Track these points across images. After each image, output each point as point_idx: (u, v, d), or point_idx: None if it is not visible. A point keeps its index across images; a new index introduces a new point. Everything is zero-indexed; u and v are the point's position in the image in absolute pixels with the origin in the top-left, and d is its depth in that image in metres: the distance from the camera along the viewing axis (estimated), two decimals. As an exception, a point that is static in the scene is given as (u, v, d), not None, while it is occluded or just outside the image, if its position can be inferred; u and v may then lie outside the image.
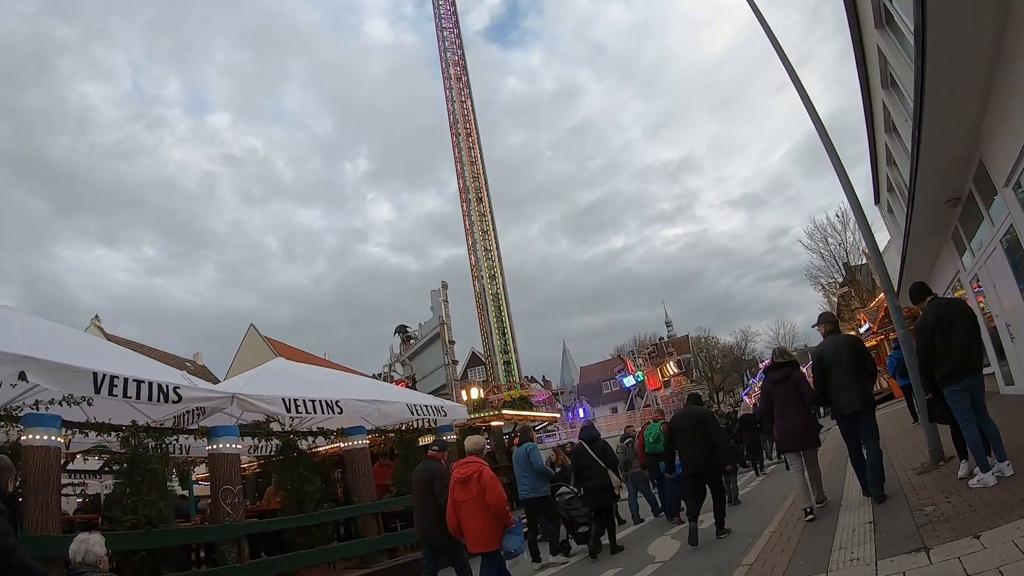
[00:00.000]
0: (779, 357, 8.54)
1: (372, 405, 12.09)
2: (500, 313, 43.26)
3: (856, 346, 7.94)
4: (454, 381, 31.70)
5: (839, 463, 11.57)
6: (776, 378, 8.27)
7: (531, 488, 10.40)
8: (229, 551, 9.32)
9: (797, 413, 8.04)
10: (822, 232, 42.88)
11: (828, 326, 8.19)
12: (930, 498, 6.67)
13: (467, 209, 45.89)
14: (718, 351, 79.36)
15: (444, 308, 33.92)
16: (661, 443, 11.86)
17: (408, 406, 12.88)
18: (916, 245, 17.33)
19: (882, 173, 21.72)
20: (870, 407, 7.66)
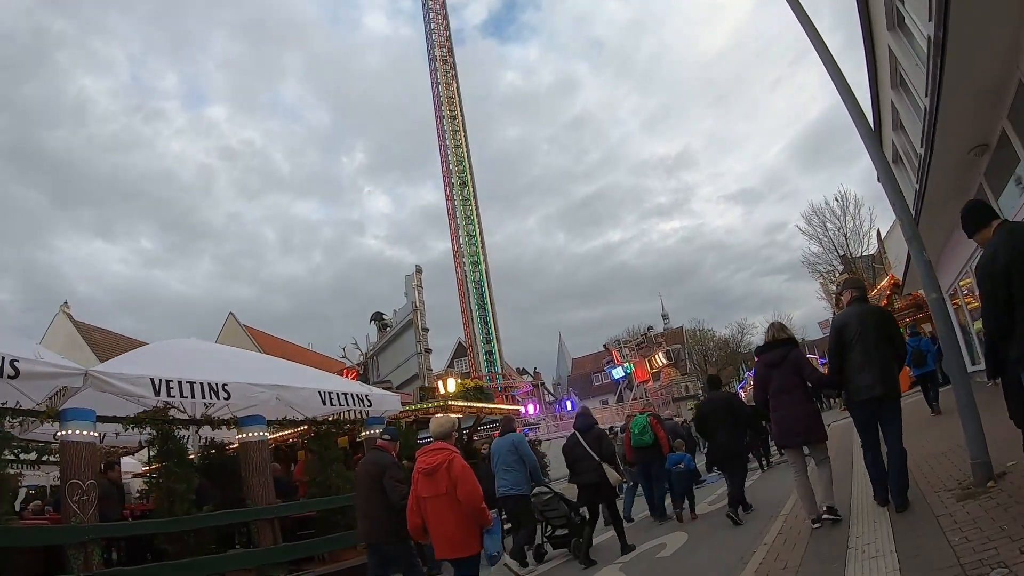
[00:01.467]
0: (776, 333, 7.03)
1: (270, 391, 10.11)
2: (483, 301, 41.38)
3: (886, 319, 6.50)
4: (427, 371, 29.41)
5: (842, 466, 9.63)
6: (771, 360, 6.85)
7: (513, 484, 9.30)
8: (75, 557, 7.65)
9: (797, 401, 6.70)
10: (820, 217, 40.23)
11: (854, 292, 6.71)
12: (990, 547, 4.16)
13: (450, 193, 43.95)
14: (713, 344, 77.45)
15: (417, 294, 31.70)
16: (648, 436, 11.06)
17: (320, 393, 10.87)
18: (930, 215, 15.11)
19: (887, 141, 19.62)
20: (896, 393, 6.16)
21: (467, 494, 5.46)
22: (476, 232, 42.82)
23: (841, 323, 6.41)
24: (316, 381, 11.57)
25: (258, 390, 9.90)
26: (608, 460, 9.32)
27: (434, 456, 5.66)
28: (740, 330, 79.60)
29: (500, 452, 9.53)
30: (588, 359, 73.88)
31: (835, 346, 6.36)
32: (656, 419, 11.65)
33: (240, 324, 49.15)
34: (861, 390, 6.07)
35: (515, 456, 9.37)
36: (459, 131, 45.39)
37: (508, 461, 9.36)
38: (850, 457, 10.46)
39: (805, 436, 6.69)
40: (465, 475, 5.55)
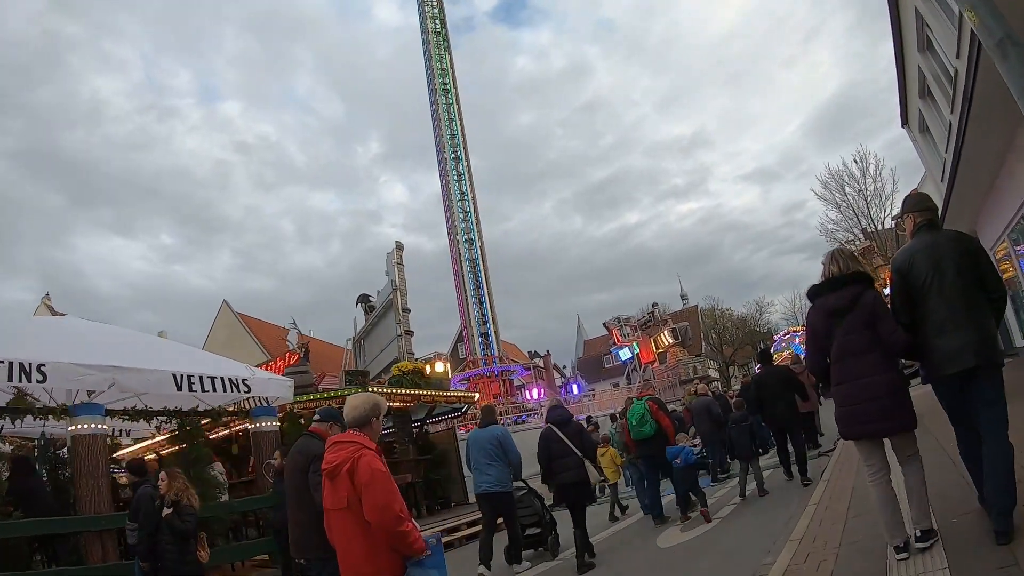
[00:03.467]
0: (844, 264, 4.54)
1: (103, 373, 8.20)
2: (478, 281, 38.50)
3: (972, 250, 4.27)
4: (407, 354, 26.52)
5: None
6: (833, 305, 4.48)
7: (497, 480, 8.49)
8: None
9: (873, 368, 4.28)
10: (838, 180, 36.30)
11: (921, 216, 4.52)
12: None
13: (444, 168, 40.98)
14: (731, 323, 73.98)
15: (398, 272, 28.86)
16: (649, 425, 9.97)
17: (175, 377, 8.95)
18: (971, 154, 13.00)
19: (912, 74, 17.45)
20: (994, 361, 4.05)
21: (377, 511, 3.69)
22: (471, 208, 39.90)
23: (905, 262, 4.35)
24: (176, 362, 9.54)
25: (85, 372, 8.08)
26: (590, 456, 8.66)
27: (337, 452, 3.92)
28: (758, 308, 75.74)
29: (481, 445, 8.60)
30: (599, 341, 70.03)
31: (900, 297, 4.37)
32: (657, 404, 10.20)
33: (233, 311, 48.62)
34: (944, 359, 4.09)
35: (499, 450, 8.51)
36: (452, 104, 42.53)
37: (492, 455, 8.50)
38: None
39: (886, 422, 4.26)
40: (375, 482, 3.76)
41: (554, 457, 8.49)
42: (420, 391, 16.01)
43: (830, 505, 6.75)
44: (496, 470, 8.50)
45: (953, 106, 14.11)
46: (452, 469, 17.54)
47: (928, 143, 19.40)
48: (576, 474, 8.33)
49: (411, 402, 15.84)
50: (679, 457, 9.17)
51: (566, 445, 8.43)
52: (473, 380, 37.01)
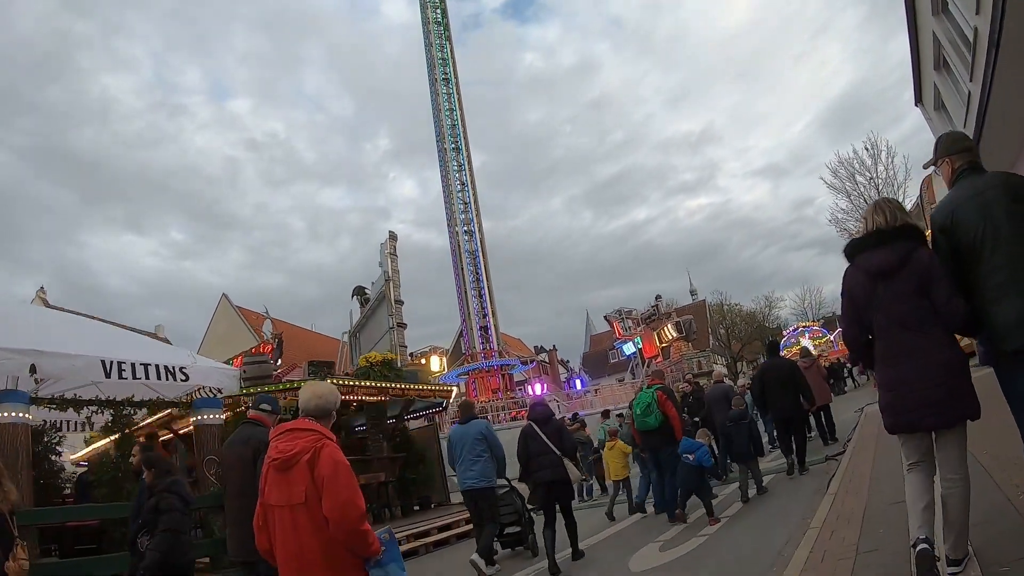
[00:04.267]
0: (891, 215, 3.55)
1: (23, 357, 7.36)
2: (478, 272, 37.26)
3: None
4: (399, 347, 25.31)
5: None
6: (879, 264, 3.46)
7: (482, 475, 8.36)
8: None
9: (929, 344, 3.33)
10: (848, 168, 34.70)
11: (960, 159, 3.52)
12: None
13: (444, 158, 39.80)
14: (740, 318, 72.58)
15: (391, 262, 27.67)
16: (655, 416, 9.24)
17: (104, 363, 8.03)
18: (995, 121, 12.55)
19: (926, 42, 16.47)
20: None
21: (340, 508, 3.24)
22: (471, 199, 38.67)
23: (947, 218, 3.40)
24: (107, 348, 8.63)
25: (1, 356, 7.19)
26: (570, 455, 8.39)
27: (293, 440, 3.39)
28: (767, 304, 74.53)
29: (465, 441, 8.51)
30: (606, 336, 68.50)
31: (948, 258, 3.38)
32: (665, 393, 9.39)
33: (232, 305, 48.16)
34: (1006, 331, 3.13)
35: (484, 446, 8.43)
36: (453, 94, 41.42)
37: (477, 451, 8.41)
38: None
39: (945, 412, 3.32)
40: (339, 476, 3.30)
41: (532, 455, 8.20)
42: (388, 384, 14.68)
43: (836, 530, 5.38)
44: (481, 465, 8.35)
45: (973, 72, 12.94)
46: (433, 468, 16.49)
47: (943, 120, 18.12)
48: (554, 472, 8.06)
49: (378, 396, 14.63)
50: (693, 453, 8.41)
51: (545, 443, 8.14)
52: (472, 375, 35.83)
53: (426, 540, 11.83)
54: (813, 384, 12.20)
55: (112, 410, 9.08)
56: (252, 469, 4.72)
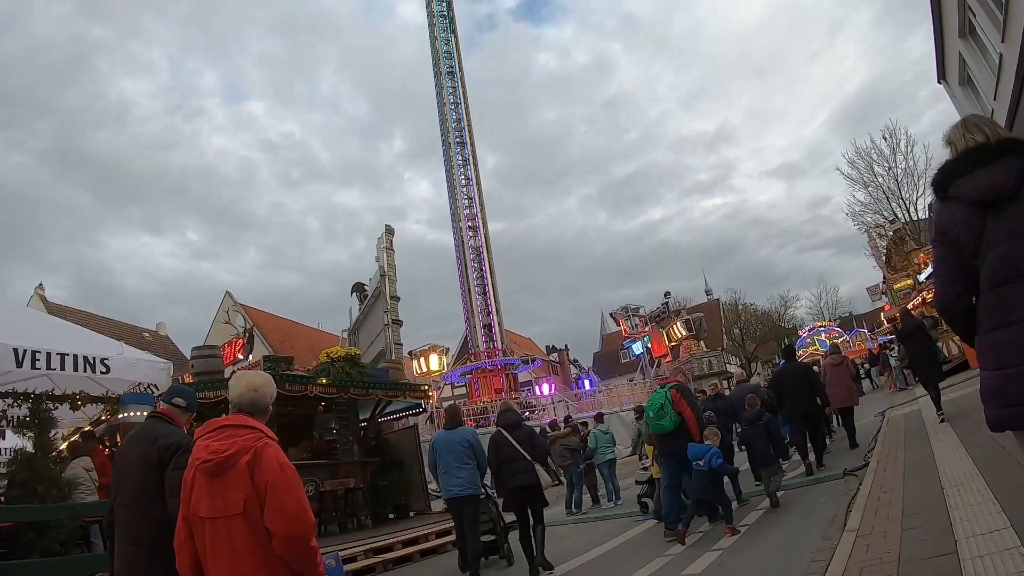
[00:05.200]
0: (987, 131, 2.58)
1: None
2: (482, 269, 35.81)
3: None
4: (394, 345, 23.90)
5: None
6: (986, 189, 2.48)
7: (468, 483, 8.07)
8: None
9: None
10: (866, 159, 32.74)
11: None
12: None
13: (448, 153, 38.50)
14: (755, 318, 70.71)
15: (387, 257, 26.31)
16: (669, 419, 8.17)
17: (16, 351, 7.61)
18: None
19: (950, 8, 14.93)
20: None
21: (288, 519, 2.83)
22: (475, 194, 37.27)
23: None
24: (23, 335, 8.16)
25: None
26: (541, 461, 8.25)
27: (229, 439, 2.96)
28: (783, 303, 72.72)
29: (451, 448, 8.26)
30: (617, 335, 63.89)
31: None
32: (680, 392, 8.41)
33: (235, 302, 46.45)
34: None
35: (470, 453, 8.21)
36: (458, 87, 40.17)
37: (463, 458, 8.17)
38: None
39: None
40: (285, 482, 2.91)
41: (504, 461, 8.08)
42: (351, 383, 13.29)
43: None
44: (467, 473, 8.10)
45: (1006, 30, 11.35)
46: (411, 473, 15.16)
47: (970, 96, 16.43)
48: (527, 478, 7.93)
49: (336, 395, 13.30)
50: (703, 458, 7.69)
51: (516, 450, 8.04)
52: (475, 374, 34.32)
53: (386, 556, 10.48)
54: (841, 383, 11.94)
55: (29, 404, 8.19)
56: (155, 474, 3.88)
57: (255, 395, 3.23)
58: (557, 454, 13.33)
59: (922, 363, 11.26)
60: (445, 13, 42.14)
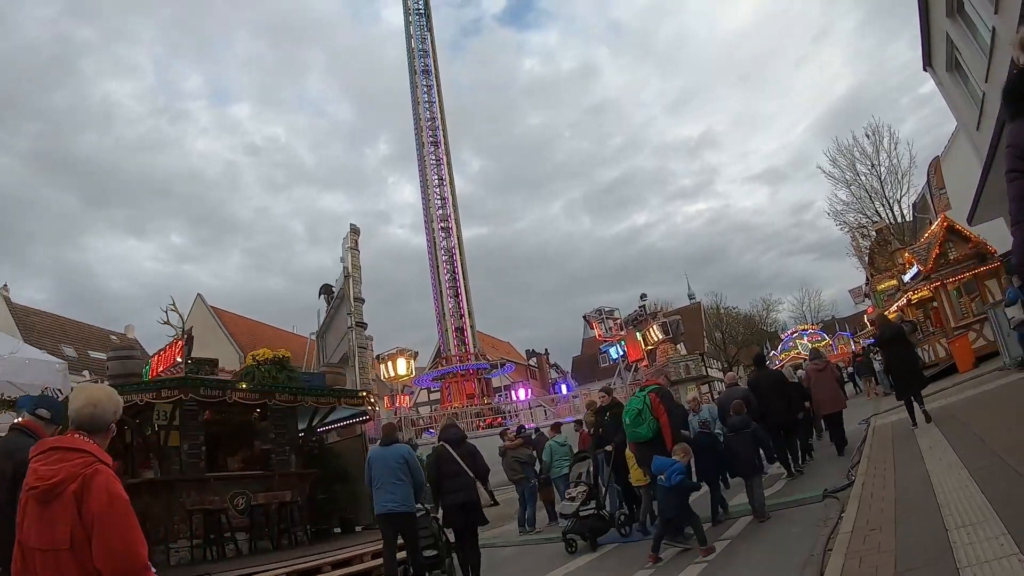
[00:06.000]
0: None
1: None
2: (454, 272, 34.50)
3: None
4: (358, 349, 22.54)
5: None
6: None
7: (402, 500, 7.82)
8: None
9: None
10: (848, 157, 31.60)
11: None
12: None
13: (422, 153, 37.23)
14: (738, 322, 69.86)
15: (351, 257, 24.87)
16: (647, 426, 7.52)
17: None
18: None
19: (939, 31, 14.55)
20: None
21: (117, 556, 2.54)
22: (449, 195, 35.97)
23: None
24: None
25: None
26: (482, 478, 8.01)
27: (55, 462, 2.66)
28: (765, 307, 72.13)
29: (385, 463, 8.00)
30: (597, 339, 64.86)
31: None
32: (660, 396, 7.74)
33: (207, 305, 45.43)
34: None
35: (405, 469, 7.93)
36: (433, 87, 38.94)
37: (397, 475, 7.90)
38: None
39: None
40: (115, 514, 2.60)
41: (445, 477, 8.01)
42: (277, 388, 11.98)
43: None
44: (401, 489, 7.87)
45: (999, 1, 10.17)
46: (358, 486, 13.72)
47: (958, 81, 15.24)
48: (467, 495, 7.84)
49: (259, 401, 12.03)
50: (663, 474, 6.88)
51: (458, 465, 7.96)
52: (447, 378, 32.93)
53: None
54: (826, 388, 11.44)
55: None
56: (11, 490, 3.68)
57: (94, 411, 2.90)
58: (508, 467, 12.04)
59: (901, 371, 10.55)
60: (422, 10, 41.03)
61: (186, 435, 11.82)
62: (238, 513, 11.76)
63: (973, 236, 19.03)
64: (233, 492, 11.90)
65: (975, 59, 13.14)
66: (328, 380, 14.25)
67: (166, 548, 10.56)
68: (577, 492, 8.76)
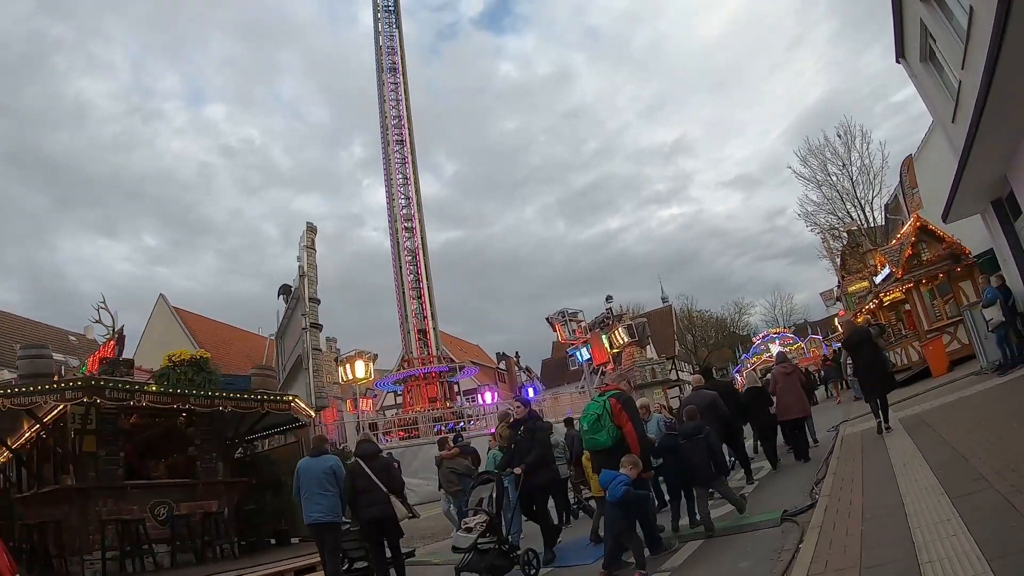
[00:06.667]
0: None
1: None
2: (417, 273, 33.39)
3: None
4: (313, 351, 21.27)
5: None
6: None
7: (328, 510, 7.87)
8: None
9: None
10: (819, 156, 30.73)
11: None
12: None
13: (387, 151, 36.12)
14: (711, 325, 69.44)
15: (307, 256, 23.57)
16: (606, 433, 6.91)
17: None
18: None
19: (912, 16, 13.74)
20: None
21: None
22: (414, 195, 34.91)
23: None
24: None
25: None
26: (396, 492, 8.22)
27: None
28: (737, 310, 71.71)
29: (313, 474, 7.99)
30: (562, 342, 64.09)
31: None
32: (621, 403, 7.01)
33: (169, 306, 43.68)
34: None
35: (332, 480, 7.98)
36: (400, 84, 37.83)
37: (324, 485, 7.93)
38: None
39: None
40: None
41: (359, 491, 7.95)
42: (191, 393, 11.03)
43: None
44: (327, 500, 7.89)
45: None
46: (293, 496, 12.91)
47: (932, 73, 14.38)
48: (381, 509, 7.87)
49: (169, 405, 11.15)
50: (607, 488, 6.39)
51: (371, 480, 7.93)
52: (409, 382, 31.70)
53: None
54: (792, 392, 11.13)
55: None
56: None
57: None
58: (444, 478, 10.93)
59: (868, 375, 10.28)
60: (391, 7, 39.83)
61: (103, 440, 11.16)
62: (159, 524, 11.17)
63: (947, 236, 18.25)
64: (154, 501, 11.35)
65: (951, 45, 12.29)
66: (255, 383, 13.12)
67: (81, 560, 10.04)
68: (475, 522, 7.44)
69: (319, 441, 8.80)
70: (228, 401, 11.51)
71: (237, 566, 10.39)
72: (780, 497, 8.05)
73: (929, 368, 17.24)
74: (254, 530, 12.88)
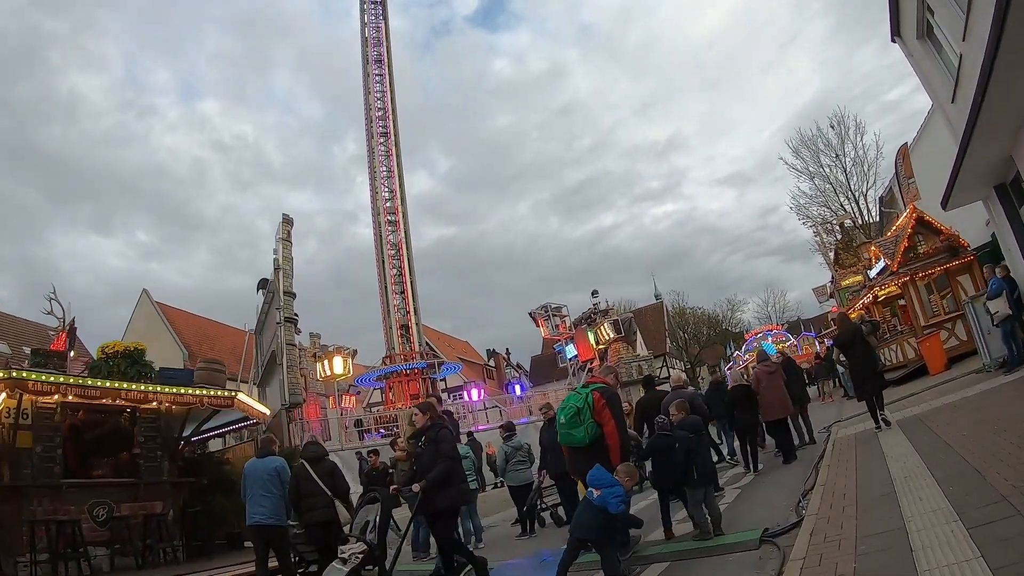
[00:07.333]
0: None
1: None
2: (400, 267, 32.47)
3: None
4: (287, 346, 20.46)
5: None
6: None
7: (272, 512, 7.60)
8: None
9: None
10: (811, 147, 29.89)
11: None
12: None
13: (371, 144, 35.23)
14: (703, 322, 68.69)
15: (283, 249, 22.87)
16: (584, 429, 6.20)
17: None
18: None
19: None
20: None
21: None
22: (397, 188, 34.02)
23: None
24: None
25: None
26: (341, 497, 8.00)
27: None
28: (730, 307, 70.91)
29: (258, 476, 7.73)
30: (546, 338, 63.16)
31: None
32: (605, 398, 6.28)
33: (152, 301, 42.94)
34: None
35: (276, 481, 7.73)
36: (385, 76, 37.04)
37: (268, 487, 7.68)
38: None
39: None
40: None
41: (303, 495, 7.78)
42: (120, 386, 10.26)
43: None
44: (271, 502, 7.62)
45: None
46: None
47: (929, 50, 13.42)
48: (324, 514, 7.74)
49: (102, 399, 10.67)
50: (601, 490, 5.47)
51: (316, 484, 7.77)
52: (391, 379, 30.73)
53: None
54: (775, 392, 10.89)
55: None
56: None
57: None
58: (400, 480, 9.97)
59: (860, 373, 10.10)
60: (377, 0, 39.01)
61: (39, 436, 10.46)
62: (97, 525, 10.53)
63: (944, 228, 17.28)
64: (92, 502, 10.68)
65: (950, 18, 11.33)
66: (200, 377, 12.21)
67: (13, 562, 9.46)
68: (350, 552, 6.16)
69: (266, 442, 8.54)
70: (163, 395, 10.72)
71: (178, 571, 10.04)
72: (762, 509, 7.07)
73: (926, 365, 16.29)
74: (204, 532, 12.21)
